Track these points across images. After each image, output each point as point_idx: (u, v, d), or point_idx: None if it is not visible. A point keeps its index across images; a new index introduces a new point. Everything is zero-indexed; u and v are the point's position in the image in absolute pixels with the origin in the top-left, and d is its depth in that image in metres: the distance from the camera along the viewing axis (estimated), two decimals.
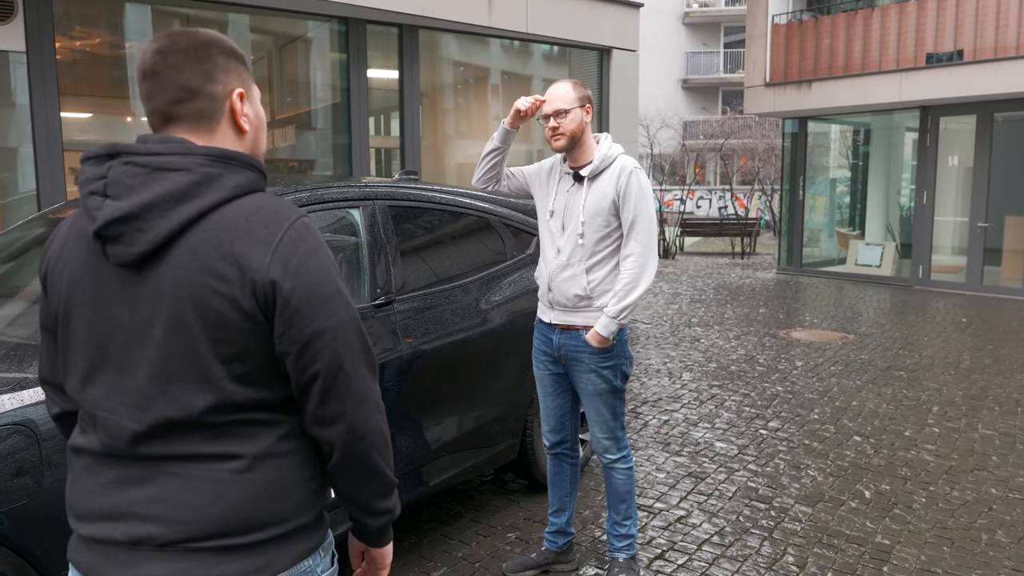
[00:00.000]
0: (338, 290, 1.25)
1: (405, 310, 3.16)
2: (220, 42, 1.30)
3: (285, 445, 1.25)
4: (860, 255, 13.55)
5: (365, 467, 1.30)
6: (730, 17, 31.17)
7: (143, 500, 1.19)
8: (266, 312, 1.19)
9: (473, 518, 3.75)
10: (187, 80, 1.24)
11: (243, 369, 1.20)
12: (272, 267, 1.18)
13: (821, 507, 3.91)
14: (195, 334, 1.17)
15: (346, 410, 1.25)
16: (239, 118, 1.30)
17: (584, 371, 2.92)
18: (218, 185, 1.20)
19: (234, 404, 1.21)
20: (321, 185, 3.08)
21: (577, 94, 2.85)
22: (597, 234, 2.85)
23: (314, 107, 7.53)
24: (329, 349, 1.22)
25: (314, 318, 1.21)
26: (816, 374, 6.56)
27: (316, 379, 1.23)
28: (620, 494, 3.10)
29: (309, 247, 1.23)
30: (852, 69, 12.23)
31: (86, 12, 6.03)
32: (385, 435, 1.31)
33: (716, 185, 29.58)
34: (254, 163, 1.27)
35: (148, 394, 1.20)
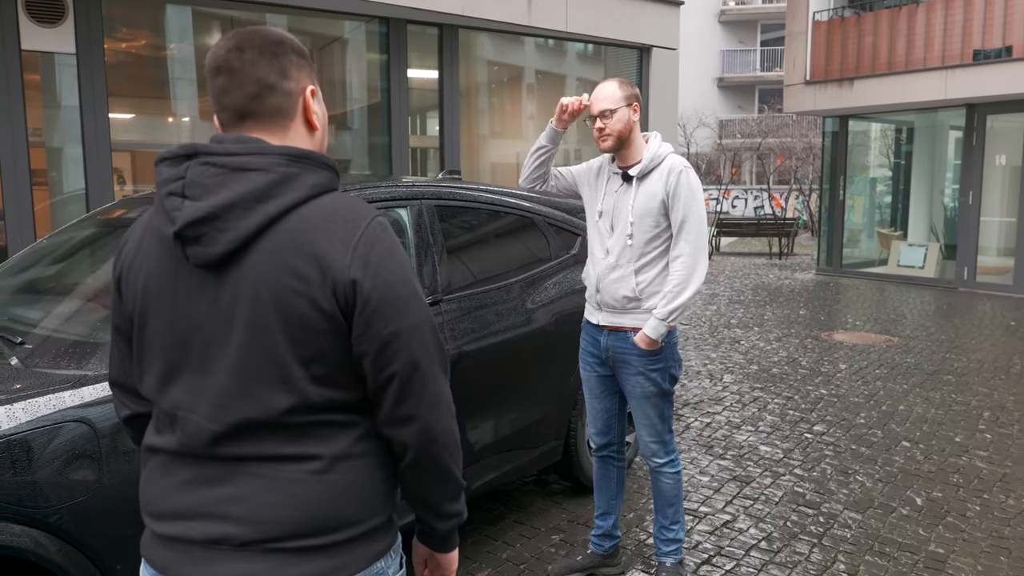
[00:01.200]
0: (415, 290, 1.25)
1: (451, 310, 3.15)
2: (291, 40, 1.30)
3: (361, 446, 1.25)
4: (902, 256, 13.28)
5: (437, 468, 1.29)
6: (767, 14, 30.79)
7: (221, 500, 1.19)
8: (345, 312, 1.19)
9: (516, 519, 3.73)
10: (264, 75, 1.24)
11: (321, 370, 1.20)
12: (353, 267, 1.17)
13: (871, 514, 3.82)
14: (275, 335, 1.17)
15: (421, 411, 1.24)
16: (311, 115, 1.30)
17: (632, 373, 2.88)
18: (296, 185, 1.19)
19: (312, 405, 1.20)
20: (369, 184, 3.08)
21: (624, 93, 2.81)
22: (646, 235, 2.81)
23: (355, 107, 7.58)
24: (407, 350, 1.22)
25: (393, 318, 1.20)
26: (861, 377, 6.44)
27: (393, 379, 1.22)
28: (668, 498, 3.05)
29: (387, 247, 1.22)
30: (895, 67, 11.99)
31: (132, 15, 6.13)
32: (456, 437, 1.31)
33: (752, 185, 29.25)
34: (329, 162, 1.27)
35: (228, 394, 1.19)
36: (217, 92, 1.26)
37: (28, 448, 1.95)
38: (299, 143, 1.29)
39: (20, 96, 5.12)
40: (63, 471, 2.01)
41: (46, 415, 2.01)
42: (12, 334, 2.45)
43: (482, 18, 6.61)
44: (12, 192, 5.18)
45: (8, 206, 5.19)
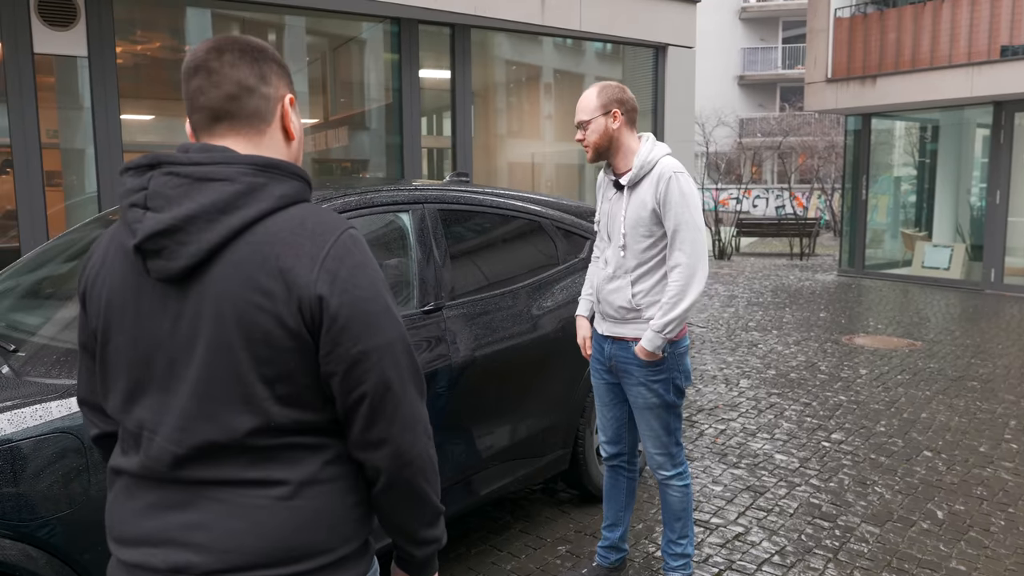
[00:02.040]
0: (387, 307, 1.19)
1: (454, 316, 3.09)
2: (272, 50, 1.28)
3: (331, 470, 1.19)
4: (927, 257, 13.04)
5: (412, 493, 1.23)
6: (789, 11, 30.45)
7: (183, 526, 1.14)
8: (312, 330, 1.13)
9: (523, 529, 3.66)
10: (244, 77, 1.21)
11: (287, 390, 1.14)
12: (319, 282, 1.12)
13: (889, 527, 3.71)
14: (237, 352, 1.12)
15: (393, 433, 1.19)
16: (289, 123, 1.26)
17: (633, 384, 2.80)
18: (263, 196, 1.15)
19: (278, 427, 1.15)
20: (370, 188, 3.02)
21: (600, 101, 2.70)
22: (639, 244, 2.72)
23: (366, 108, 7.54)
24: (377, 369, 1.16)
25: (362, 336, 1.15)
26: (882, 383, 6.29)
27: (363, 401, 1.16)
28: (676, 512, 2.97)
29: (357, 261, 1.17)
30: (920, 63, 11.76)
31: (146, 17, 6.12)
32: (433, 460, 1.25)
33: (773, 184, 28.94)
34: (299, 172, 1.22)
35: (190, 415, 1.15)
36: (192, 92, 1.22)
37: (13, 460, 1.91)
38: (274, 151, 1.25)
39: (33, 99, 5.12)
40: (50, 483, 1.97)
41: (32, 426, 1.97)
42: (8, 341, 2.42)
43: (495, 18, 6.54)
44: (25, 194, 5.19)
45: (21, 208, 5.21)
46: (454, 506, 3.06)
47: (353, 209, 2.88)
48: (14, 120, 5.09)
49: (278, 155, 1.25)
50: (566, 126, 9.07)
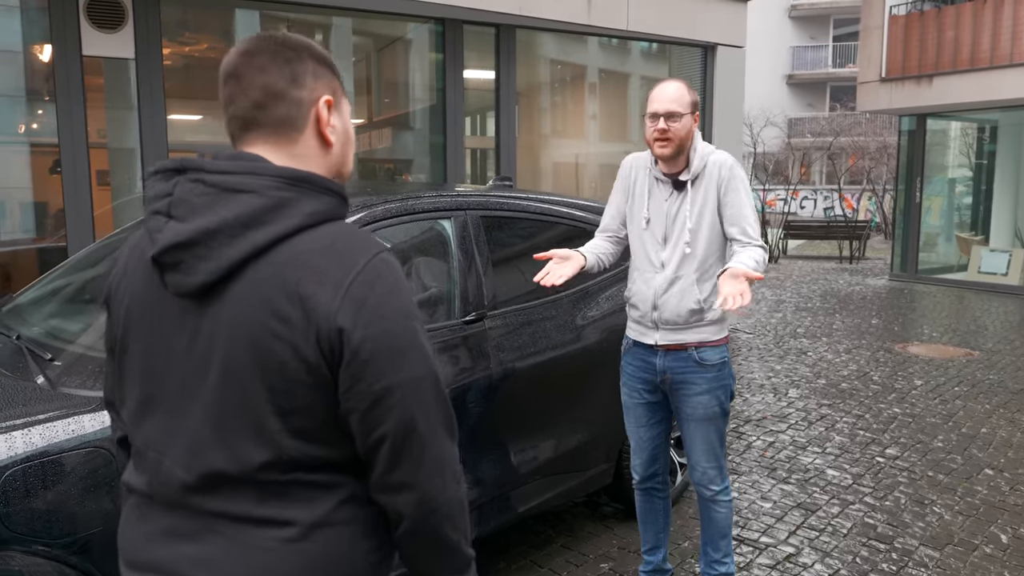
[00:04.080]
0: (416, 340, 1.09)
1: (497, 326, 3.00)
2: (311, 47, 1.17)
3: (345, 512, 1.11)
4: (984, 262, 12.59)
5: (437, 541, 1.14)
6: (840, 9, 29.74)
7: (192, 561, 1.09)
8: (331, 364, 1.05)
9: (564, 544, 3.56)
10: (272, 82, 1.13)
11: (302, 424, 1.06)
12: (341, 312, 1.03)
13: (950, 551, 3.52)
14: (251, 381, 1.05)
15: (418, 479, 1.09)
16: (324, 128, 1.16)
17: (694, 394, 2.68)
18: (290, 212, 1.06)
19: (291, 461, 1.07)
20: (412, 195, 2.95)
21: (691, 98, 2.61)
22: (705, 241, 2.62)
23: (411, 108, 7.51)
24: (400, 408, 1.07)
25: (386, 372, 1.06)
26: (938, 395, 6.04)
27: (384, 441, 1.07)
28: (721, 528, 2.84)
29: (386, 289, 1.07)
30: (979, 63, 11.34)
31: (193, 19, 6.17)
32: (463, 505, 1.16)
33: (822, 185, 28.31)
34: (333, 187, 1.12)
35: (201, 441, 1.08)
36: (225, 100, 1.15)
37: (45, 476, 1.87)
38: (309, 160, 1.16)
39: (81, 100, 5.18)
40: (82, 499, 1.93)
41: (64, 440, 1.93)
42: (46, 349, 2.40)
43: (540, 18, 6.44)
44: (73, 194, 5.25)
45: (69, 207, 5.27)
46: (493, 521, 2.97)
47: (395, 216, 2.81)
48: (63, 121, 5.15)
49: (313, 165, 1.16)
50: (611, 126, 8.94)
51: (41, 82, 5.61)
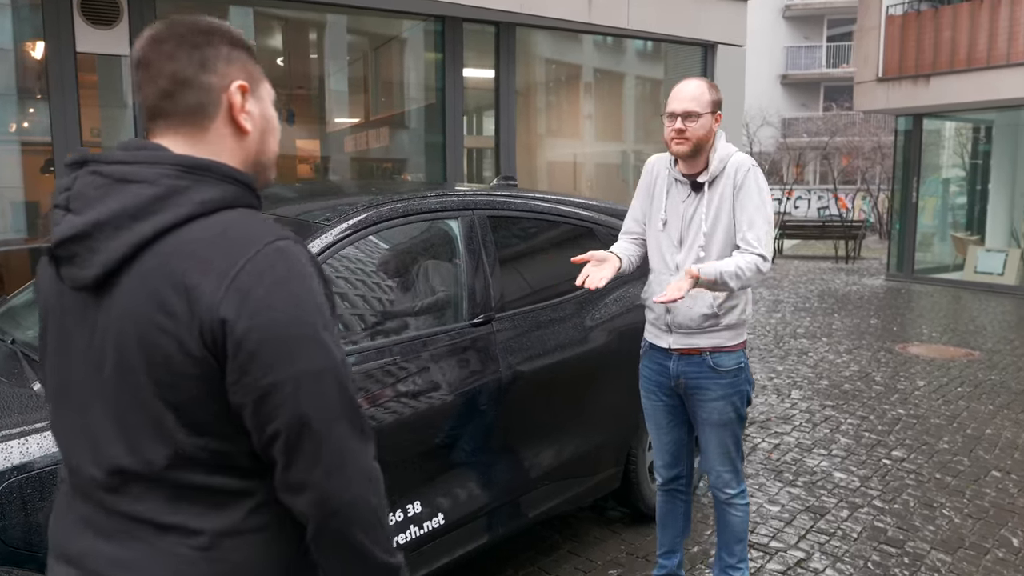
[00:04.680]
0: (312, 333, 1.03)
1: (505, 328, 2.94)
2: (223, 29, 1.14)
3: (255, 519, 1.06)
4: (980, 262, 12.59)
5: (344, 546, 1.07)
6: (834, 9, 29.78)
7: (110, 560, 1.06)
8: (217, 357, 1.00)
9: (571, 550, 3.49)
10: (180, 69, 1.08)
11: (195, 417, 1.03)
12: (224, 303, 0.98)
13: (962, 555, 3.47)
14: (141, 375, 1.02)
15: (315, 478, 1.03)
16: (237, 114, 1.12)
17: (709, 399, 2.62)
18: (181, 200, 1.03)
19: (191, 458, 1.03)
20: (418, 194, 2.88)
21: (711, 98, 2.54)
22: (720, 244, 2.56)
23: (409, 107, 7.44)
24: (291, 403, 1.00)
25: (274, 365, 1.00)
26: (941, 396, 6.00)
27: (277, 438, 1.02)
28: (737, 533, 2.79)
29: (278, 278, 1.01)
30: (976, 62, 11.33)
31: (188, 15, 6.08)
32: (374, 509, 1.08)
33: (816, 184, 28.35)
34: (234, 175, 1.08)
35: (103, 437, 1.06)
36: (135, 89, 1.11)
37: (41, 488, 1.79)
38: (222, 149, 1.11)
39: (75, 98, 5.08)
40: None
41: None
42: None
43: (540, 15, 6.37)
44: None
45: None
46: (504, 528, 2.91)
47: (401, 216, 2.74)
48: (56, 119, 5.06)
49: (226, 153, 1.12)
50: (607, 126, 8.89)
51: (33, 80, 5.52)
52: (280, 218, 2.76)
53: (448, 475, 2.68)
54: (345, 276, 2.59)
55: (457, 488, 2.70)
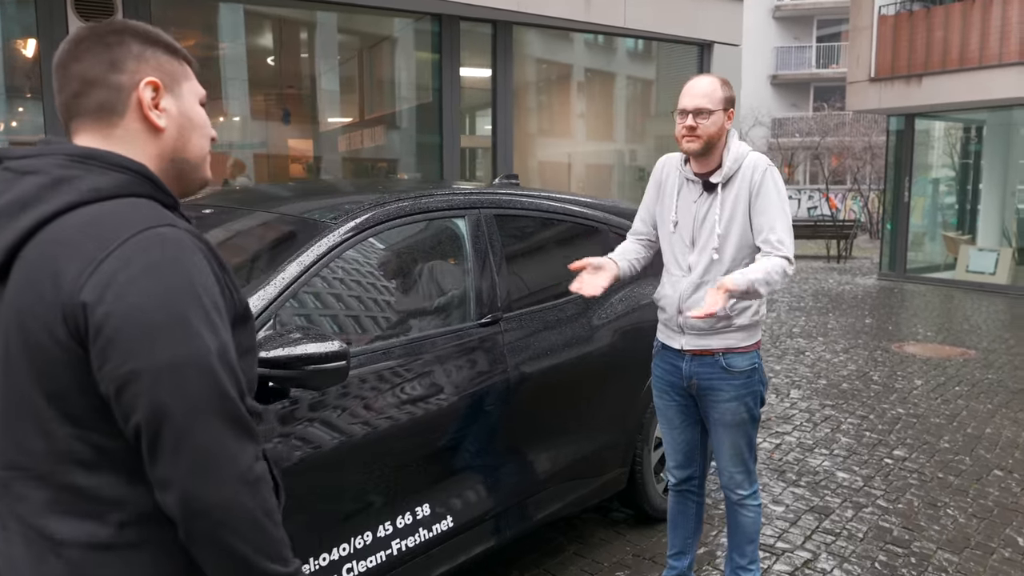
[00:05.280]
0: (178, 320, 0.98)
1: (512, 328, 2.90)
2: (137, 29, 1.14)
3: (132, 534, 1.03)
4: (972, 261, 12.65)
5: (217, 551, 1.01)
6: (823, 9, 29.91)
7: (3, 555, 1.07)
8: (82, 343, 0.98)
9: (577, 552, 3.46)
10: (87, 69, 1.10)
11: (71, 408, 1.01)
12: (87, 287, 0.97)
13: (968, 555, 3.46)
14: (23, 364, 1.02)
15: (177, 475, 0.98)
16: (147, 111, 1.11)
17: (723, 400, 2.59)
18: (68, 189, 1.03)
19: (70, 453, 1.01)
20: (424, 193, 2.84)
21: (724, 94, 2.49)
22: (735, 246, 2.53)
23: (406, 107, 7.39)
24: (150, 394, 0.96)
25: (133, 353, 0.96)
26: (940, 395, 6.01)
27: (139, 432, 0.98)
28: (749, 534, 2.76)
29: (149, 263, 0.98)
30: (968, 62, 11.39)
31: (182, 14, 6.02)
32: (250, 511, 1.01)
33: (806, 184, 28.45)
34: (124, 163, 1.06)
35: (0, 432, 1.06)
36: (55, 92, 1.13)
37: None
38: (134, 145, 1.11)
39: None
40: None
41: None
42: None
43: (538, 14, 6.34)
44: None
45: None
46: (511, 531, 2.87)
47: (408, 214, 2.70)
48: (50, 116, 4.99)
49: (138, 150, 1.11)
50: (599, 125, 8.87)
51: (23, 78, 5.44)
52: (285, 216, 2.72)
53: (456, 477, 2.64)
54: (351, 275, 2.55)
55: (465, 490, 2.66)
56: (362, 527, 2.34)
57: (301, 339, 2.03)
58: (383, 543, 2.39)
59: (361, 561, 2.33)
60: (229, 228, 2.77)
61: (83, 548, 1.02)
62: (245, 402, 1.05)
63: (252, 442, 1.04)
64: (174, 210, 1.11)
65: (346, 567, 2.30)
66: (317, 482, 2.21)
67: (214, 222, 2.80)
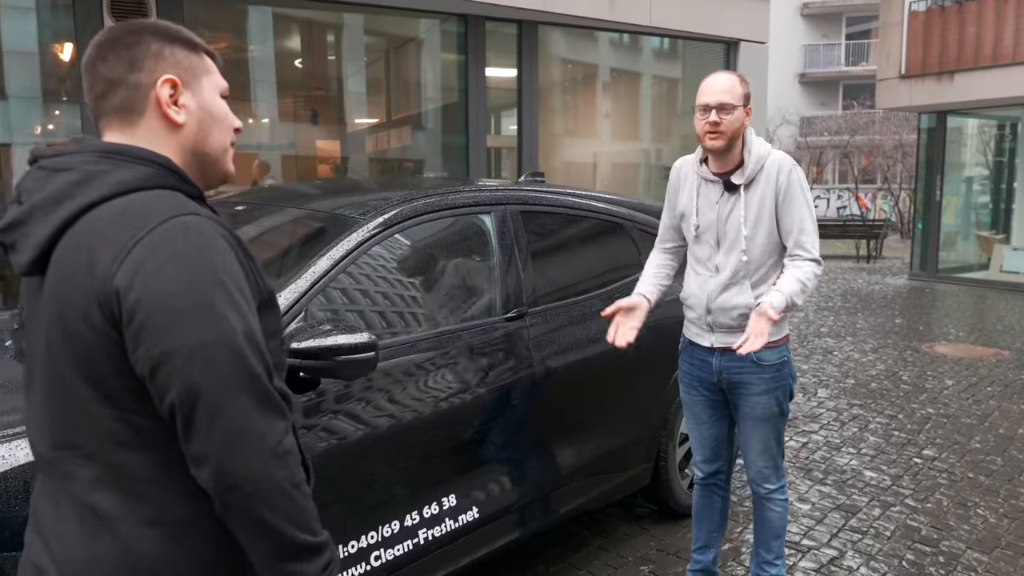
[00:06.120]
0: (205, 304, 1.04)
1: (537, 323, 2.93)
2: (155, 27, 1.19)
3: (177, 511, 1.10)
4: (1006, 261, 12.44)
5: (250, 522, 1.07)
6: (853, 7, 29.55)
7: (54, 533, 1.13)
8: (117, 327, 1.04)
9: (601, 546, 3.48)
10: (110, 70, 1.16)
11: (112, 391, 1.07)
12: (120, 274, 1.03)
13: (998, 555, 3.43)
14: (63, 351, 1.08)
15: (211, 450, 1.04)
16: (165, 108, 1.17)
17: (752, 394, 2.60)
18: (99, 183, 1.09)
19: (112, 434, 1.08)
20: (451, 189, 2.88)
21: (743, 91, 2.50)
22: (763, 247, 2.53)
23: (432, 107, 7.45)
24: (182, 374, 1.02)
25: (163, 336, 1.02)
26: (971, 395, 5.93)
27: (173, 410, 1.04)
28: (775, 529, 2.76)
29: (175, 251, 1.04)
30: (1002, 58, 11.20)
31: (214, 17, 6.13)
32: (279, 484, 1.07)
33: (835, 184, 28.13)
34: (149, 157, 1.12)
35: (45, 416, 1.13)
36: (84, 94, 1.20)
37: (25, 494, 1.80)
38: (157, 141, 1.17)
39: None
40: None
41: None
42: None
43: (563, 13, 6.37)
44: None
45: None
46: (536, 524, 2.90)
47: (435, 210, 2.74)
48: (86, 119, 5.11)
49: (162, 145, 1.17)
50: (626, 125, 8.86)
51: (58, 82, 5.58)
52: (315, 213, 2.78)
53: (482, 469, 2.68)
54: (379, 270, 2.59)
55: (491, 482, 2.70)
56: (389, 516, 2.38)
57: (331, 331, 2.08)
58: (410, 532, 2.43)
59: (388, 549, 2.38)
60: (261, 224, 2.83)
61: (131, 524, 1.08)
62: (273, 381, 1.10)
63: (281, 418, 1.09)
64: (199, 200, 1.17)
65: (374, 555, 2.34)
66: (344, 471, 2.25)
67: (247, 218, 2.87)
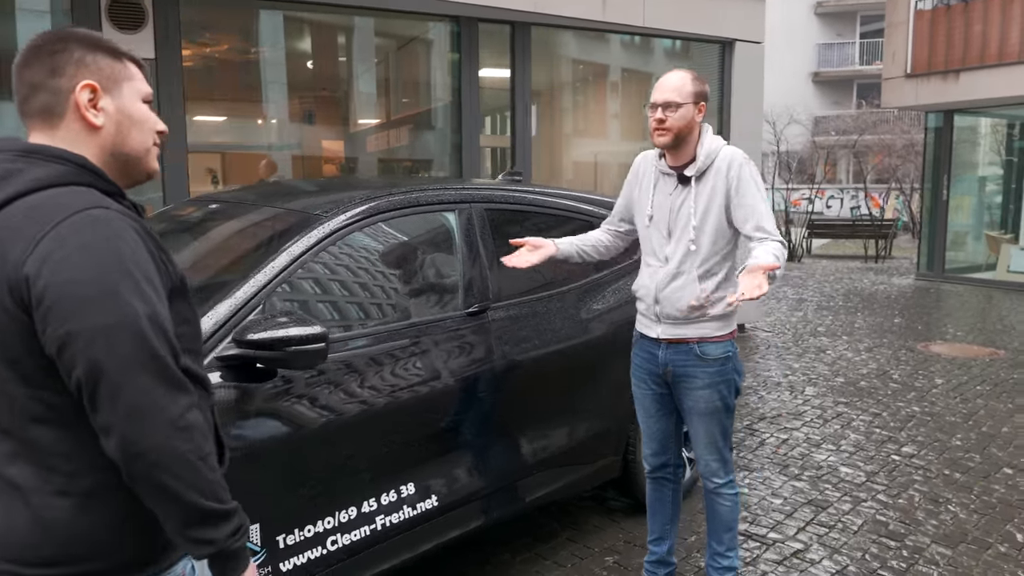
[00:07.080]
0: (111, 291, 1.13)
1: (500, 318, 3.02)
2: (80, 36, 1.27)
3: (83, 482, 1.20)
4: (1013, 261, 12.36)
5: (155, 489, 1.17)
6: (867, 5, 29.34)
7: None
8: (27, 311, 1.14)
9: (570, 537, 3.56)
10: (33, 75, 1.24)
11: (26, 371, 1.16)
12: (29, 262, 1.12)
13: (963, 549, 3.47)
14: None
15: (115, 422, 1.14)
16: (84, 112, 1.25)
17: (696, 388, 2.67)
18: (15, 180, 1.17)
19: (27, 411, 1.18)
20: (416, 187, 2.98)
21: (693, 89, 2.58)
22: (711, 237, 2.61)
23: (427, 107, 7.55)
24: (86, 353, 1.12)
25: (68, 318, 1.12)
26: (959, 394, 5.95)
27: (80, 386, 1.14)
28: (726, 522, 2.84)
29: (83, 242, 1.13)
30: (1008, 57, 11.13)
31: (211, 19, 6.25)
32: (183, 456, 1.17)
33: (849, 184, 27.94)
34: (67, 156, 1.21)
35: None
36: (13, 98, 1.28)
37: None
38: (77, 142, 1.25)
39: None
40: None
41: None
42: None
43: (554, 14, 6.44)
44: None
45: None
46: (499, 511, 2.99)
47: (398, 208, 2.84)
48: None
49: (82, 146, 1.25)
50: (631, 125, 8.92)
51: None
52: (285, 211, 2.88)
53: (442, 459, 2.77)
54: (344, 265, 2.69)
55: (451, 472, 2.79)
56: (347, 502, 2.48)
57: (286, 323, 2.18)
58: (367, 518, 2.53)
59: (346, 534, 2.48)
60: (232, 223, 2.94)
61: (43, 495, 1.18)
62: (179, 362, 1.21)
63: (184, 395, 1.19)
64: (117, 196, 1.26)
65: (330, 539, 2.44)
66: (304, 458, 2.35)
67: (222, 216, 2.98)
